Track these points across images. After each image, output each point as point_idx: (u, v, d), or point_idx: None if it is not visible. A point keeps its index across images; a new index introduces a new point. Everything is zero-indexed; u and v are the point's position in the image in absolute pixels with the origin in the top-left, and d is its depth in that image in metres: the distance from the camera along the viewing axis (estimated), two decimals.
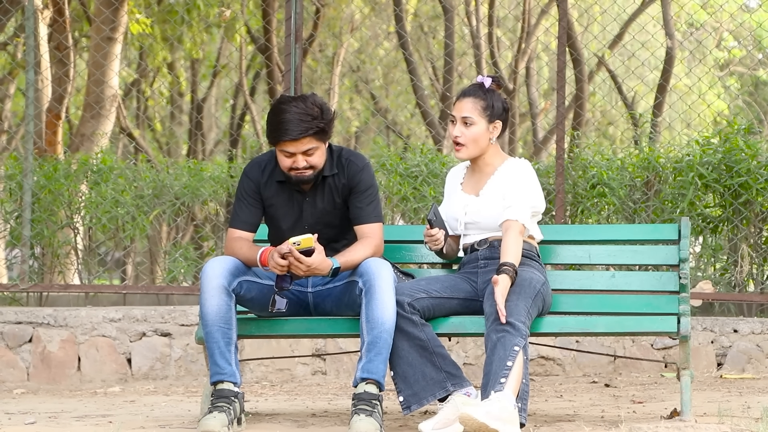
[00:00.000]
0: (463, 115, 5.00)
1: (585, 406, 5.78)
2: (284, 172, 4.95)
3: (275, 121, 4.87)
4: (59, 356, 7.28)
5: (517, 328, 4.65)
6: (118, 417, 5.48)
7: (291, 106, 4.87)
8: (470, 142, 5.01)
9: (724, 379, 6.99)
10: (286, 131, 4.84)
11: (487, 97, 5.02)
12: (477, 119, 5.00)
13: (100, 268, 8.77)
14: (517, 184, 4.98)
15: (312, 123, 4.85)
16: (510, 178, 5.00)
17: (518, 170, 5.02)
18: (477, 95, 5.02)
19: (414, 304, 4.85)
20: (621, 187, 7.95)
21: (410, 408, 4.82)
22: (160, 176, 8.39)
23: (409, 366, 4.81)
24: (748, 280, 7.90)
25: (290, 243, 4.73)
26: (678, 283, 5.09)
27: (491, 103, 5.01)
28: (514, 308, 4.70)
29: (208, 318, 4.82)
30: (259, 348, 7.22)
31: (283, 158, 4.91)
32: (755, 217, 7.83)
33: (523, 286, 4.80)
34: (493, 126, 5.03)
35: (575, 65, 14.25)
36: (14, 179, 8.23)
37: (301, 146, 4.86)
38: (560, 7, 7.83)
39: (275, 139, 4.88)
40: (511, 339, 4.64)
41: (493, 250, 5.02)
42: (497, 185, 5.01)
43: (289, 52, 7.68)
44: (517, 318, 4.67)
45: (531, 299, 4.79)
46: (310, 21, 15.68)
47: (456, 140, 5.01)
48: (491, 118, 5.01)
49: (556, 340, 7.12)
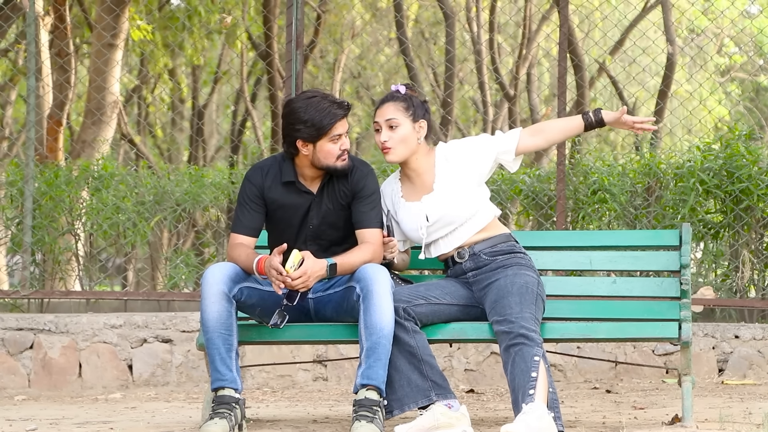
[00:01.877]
0: (387, 118, 5.01)
1: (586, 412, 5.78)
2: (328, 166, 4.94)
3: (320, 109, 4.89)
4: (60, 363, 7.28)
5: (531, 339, 4.66)
6: (119, 423, 5.47)
7: (315, 96, 4.93)
8: (398, 144, 5.00)
9: (725, 385, 6.98)
10: (335, 114, 4.90)
11: (406, 99, 5.04)
12: (401, 120, 5.00)
13: (101, 275, 8.76)
14: (459, 160, 4.99)
15: (343, 102, 4.95)
16: (451, 159, 5.01)
17: (454, 143, 5.04)
18: (395, 99, 5.05)
19: (409, 310, 4.85)
20: (622, 193, 7.95)
21: (392, 413, 4.81)
22: (161, 182, 8.39)
23: (395, 371, 4.81)
24: (749, 285, 7.90)
25: (286, 271, 4.74)
26: (679, 289, 5.09)
27: (412, 104, 5.02)
28: (521, 318, 4.70)
29: (208, 324, 4.82)
30: (260, 354, 7.22)
31: (331, 146, 4.93)
32: (756, 223, 7.83)
33: (522, 294, 4.80)
34: (418, 125, 5.03)
35: (576, 71, 14.25)
36: (15, 186, 8.23)
37: (345, 126, 4.94)
38: (561, 13, 7.84)
39: (330, 124, 4.89)
40: (528, 350, 4.64)
41: (476, 258, 5.00)
42: (447, 172, 5.00)
43: (290, 59, 7.69)
44: (527, 329, 4.68)
45: (533, 305, 4.80)
46: (311, 27, 15.70)
47: (384, 145, 5.01)
48: (415, 118, 5.02)
49: (557, 346, 7.12)
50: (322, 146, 4.93)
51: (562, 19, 7.83)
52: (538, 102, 17.05)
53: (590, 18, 15.67)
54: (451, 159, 5.02)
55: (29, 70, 8.11)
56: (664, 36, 14.33)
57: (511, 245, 5.01)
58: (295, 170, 5.03)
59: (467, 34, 16.97)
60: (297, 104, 4.94)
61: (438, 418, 4.66)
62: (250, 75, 19.86)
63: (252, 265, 4.88)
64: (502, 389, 7.06)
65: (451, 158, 5.02)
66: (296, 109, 4.92)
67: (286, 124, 4.95)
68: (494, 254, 4.98)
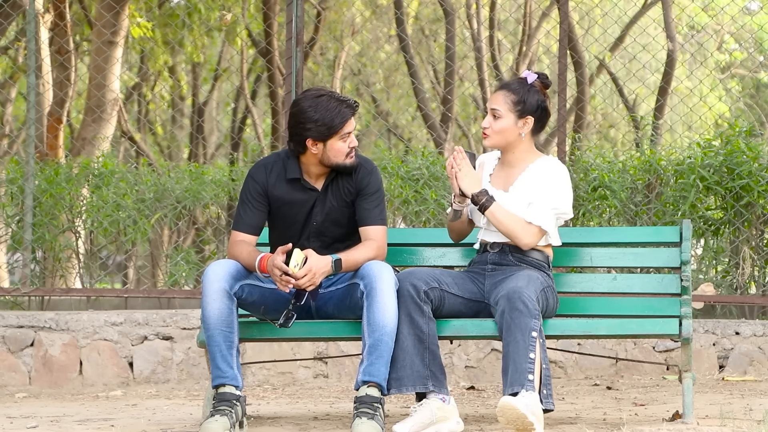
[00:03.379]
0: (492, 107, 5.02)
1: (587, 408, 5.78)
2: (338, 164, 4.96)
3: (330, 107, 4.90)
4: (61, 360, 7.28)
5: (529, 308, 4.67)
6: (119, 421, 5.48)
7: (322, 95, 4.94)
8: (495, 134, 5.01)
9: (725, 381, 6.98)
10: (345, 113, 4.91)
11: (521, 92, 5.01)
12: (505, 113, 5.00)
13: (101, 272, 8.77)
14: (543, 185, 4.97)
15: (351, 101, 4.96)
16: (539, 177, 4.99)
17: (548, 169, 5.00)
18: (511, 89, 5.03)
19: (429, 293, 4.86)
20: (622, 189, 7.95)
21: (389, 390, 4.83)
22: (161, 180, 8.39)
23: (401, 350, 4.81)
24: (749, 282, 7.90)
25: (292, 271, 4.74)
26: (680, 286, 5.09)
27: (523, 99, 4.99)
28: (524, 290, 4.72)
29: (209, 321, 4.82)
30: (260, 351, 7.22)
31: (341, 145, 4.94)
32: (757, 220, 7.83)
33: (530, 278, 4.82)
34: (523, 121, 5.01)
35: (576, 68, 14.25)
36: (15, 183, 8.23)
37: (353, 124, 4.96)
38: (561, 10, 7.83)
39: (341, 123, 4.90)
40: (526, 321, 4.66)
41: (503, 255, 5.03)
42: (526, 184, 5.00)
43: (291, 56, 7.69)
44: (529, 299, 4.69)
45: (539, 290, 4.81)
46: (311, 24, 15.70)
47: (484, 129, 5.02)
48: (521, 114, 5.00)
49: (557, 342, 7.10)
50: (333, 145, 4.93)
51: (562, 15, 7.83)
52: None
53: (590, 15, 15.67)
54: (536, 178, 4.99)
55: (29, 68, 8.11)
56: (664, 33, 14.32)
57: (541, 263, 5.03)
58: (300, 168, 5.03)
59: (467, 31, 16.96)
60: (306, 103, 4.93)
61: (435, 413, 4.74)
62: (250, 72, 19.85)
63: (254, 263, 4.88)
64: None
65: (537, 178, 4.99)
66: (305, 109, 4.92)
67: (295, 123, 4.95)
68: (521, 261, 5.01)
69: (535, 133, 5.07)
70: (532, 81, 5.04)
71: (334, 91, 5.03)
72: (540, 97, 5.04)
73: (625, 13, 15.07)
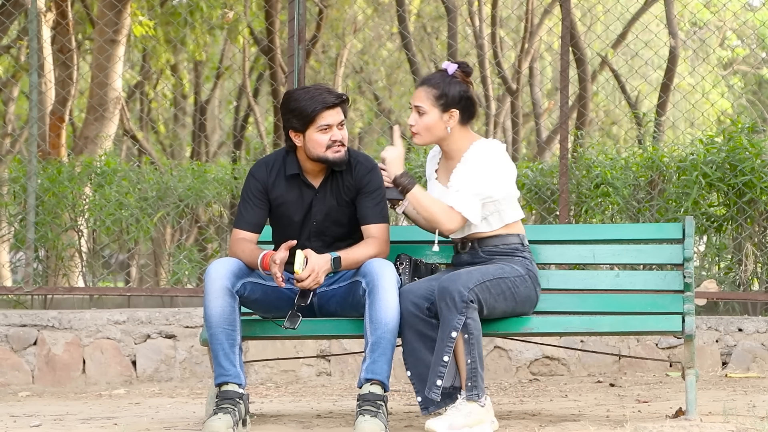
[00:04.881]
0: (415, 104, 4.97)
1: (590, 405, 5.78)
2: (319, 156, 4.94)
3: (307, 98, 4.91)
4: (64, 359, 7.28)
5: (455, 304, 4.63)
6: (123, 419, 5.48)
7: (310, 87, 4.97)
8: (423, 131, 4.96)
9: (729, 378, 6.98)
10: (324, 100, 4.90)
11: (441, 85, 4.94)
12: (428, 108, 4.93)
13: (104, 271, 8.77)
14: (469, 170, 4.90)
15: (338, 93, 4.95)
16: (468, 163, 4.92)
17: (476, 154, 4.92)
18: (432, 84, 4.96)
19: (431, 308, 4.82)
20: (625, 186, 7.94)
21: (428, 409, 4.83)
22: (163, 178, 8.39)
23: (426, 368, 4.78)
24: (752, 279, 7.89)
25: (296, 273, 4.75)
26: (682, 283, 5.09)
27: (445, 92, 4.92)
28: (456, 283, 4.67)
29: (212, 320, 4.82)
30: (263, 349, 7.22)
31: (320, 136, 4.92)
32: (759, 216, 7.83)
33: (470, 273, 4.75)
34: (448, 115, 4.93)
35: (578, 65, 14.24)
36: (18, 182, 8.23)
37: (337, 116, 4.92)
38: (563, 7, 7.83)
39: (314, 112, 4.89)
40: (448, 319, 4.64)
41: (474, 253, 4.97)
42: (464, 174, 4.93)
43: (293, 54, 7.68)
44: (457, 292, 4.64)
45: (484, 284, 4.74)
46: (313, 22, 15.69)
47: (411, 127, 4.98)
48: (445, 107, 4.92)
49: (560, 339, 7.11)
50: (311, 135, 4.93)
51: (564, 12, 7.82)
52: (540, 96, 17.04)
53: (592, 11, 15.66)
54: (468, 165, 4.93)
55: (31, 67, 8.11)
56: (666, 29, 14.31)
57: (513, 247, 4.97)
58: (299, 164, 5.04)
59: (469, 28, 16.95)
60: (290, 94, 4.99)
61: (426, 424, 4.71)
62: (252, 70, 19.84)
63: (256, 261, 4.87)
64: (506, 383, 7.06)
65: (468, 166, 4.93)
66: (287, 100, 4.98)
67: (281, 116, 5.02)
68: (492, 254, 4.96)
69: (464, 122, 4.98)
70: (453, 71, 4.97)
71: (327, 85, 5.03)
72: (462, 88, 4.95)
73: (627, 9, 15.06)
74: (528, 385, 6.98)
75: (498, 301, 4.81)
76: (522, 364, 7.36)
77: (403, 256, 5.04)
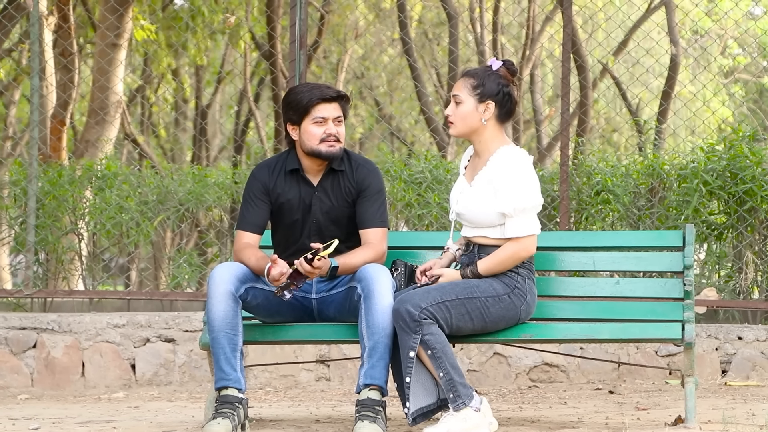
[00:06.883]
0: (453, 93, 4.97)
1: (589, 412, 5.78)
2: (312, 149, 4.98)
3: (306, 90, 4.99)
4: (63, 362, 7.28)
5: (407, 322, 4.65)
6: (122, 423, 5.48)
7: (311, 83, 5.08)
8: (458, 120, 4.93)
9: (728, 386, 6.98)
10: (322, 92, 4.97)
11: (482, 77, 4.92)
12: (465, 98, 4.91)
13: (104, 274, 8.77)
14: (507, 188, 4.81)
15: (339, 90, 5.03)
16: (500, 173, 4.84)
17: (506, 164, 4.85)
18: (472, 74, 4.96)
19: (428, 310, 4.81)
20: (625, 193, 7.94)
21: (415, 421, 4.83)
22: (164, 182, 8.40)
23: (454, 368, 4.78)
24: (752, 287, 7.89)
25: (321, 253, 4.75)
26: (682, 290, 5.09)
27: (483, 82, 4.90)
28: (409, 301, 4.68)
29: (214, 323, 4.82)
30: (263, 354, 7.22)
31: (314, 128, 4.97)
32: (760, 225, 7.83)
33: (447, 290, 4.76)
34: (484, 106, 4.90)
35: (580, 72, 14.24)
36: (19, 185, 8.23)
37: (334, 111, 4.98)
38: (565, 14, 7.84)
39: (309, 102, 4.95)
40: (405, 339, 4.68)
41: (472, 258, 4.93)
42: (488, 177, 4.87)
43: (294, 59, 7.69)
44: (414, 309, 4.65)
45: (452, 299, 4.73)
46: (315, 27, 15.70)
47: (447, 117, 4.99)
48: (481, 98, 4.90)
49: (560, 346, 7.11)
50: (306, 128, 4.98)
51: (565, 20, 7.83)
52: (541, 103, 17.05)
53: (594, 19, 15.66)
54: (497, 172, 4.87)
55: (33, 70, 8.12)
56: (667, 37, 14.32)
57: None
58: (298, 160, 5.07)
59: (471, 34, 16.96)
60: (292, 88, 5.10)
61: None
62: (253, 75, 19.84)
63: (263, 270, 4.86)
64: (505, 390, 7.06)
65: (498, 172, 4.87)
66: (288, 93, 5.08)
67: (282, 110, 5.08)
68: None
69: (501, 120, 4.94)
70: (497, 68, 4.97)
71: (326, 83, 5.13)
72: (502, 82, 4.93)
73: (628, 17, 15.04)
74: (527, 391, 6.98)
75: (463, 321, 4.77)
76: (521, 371, 7.35)
77: (398, 262, 5.03)
